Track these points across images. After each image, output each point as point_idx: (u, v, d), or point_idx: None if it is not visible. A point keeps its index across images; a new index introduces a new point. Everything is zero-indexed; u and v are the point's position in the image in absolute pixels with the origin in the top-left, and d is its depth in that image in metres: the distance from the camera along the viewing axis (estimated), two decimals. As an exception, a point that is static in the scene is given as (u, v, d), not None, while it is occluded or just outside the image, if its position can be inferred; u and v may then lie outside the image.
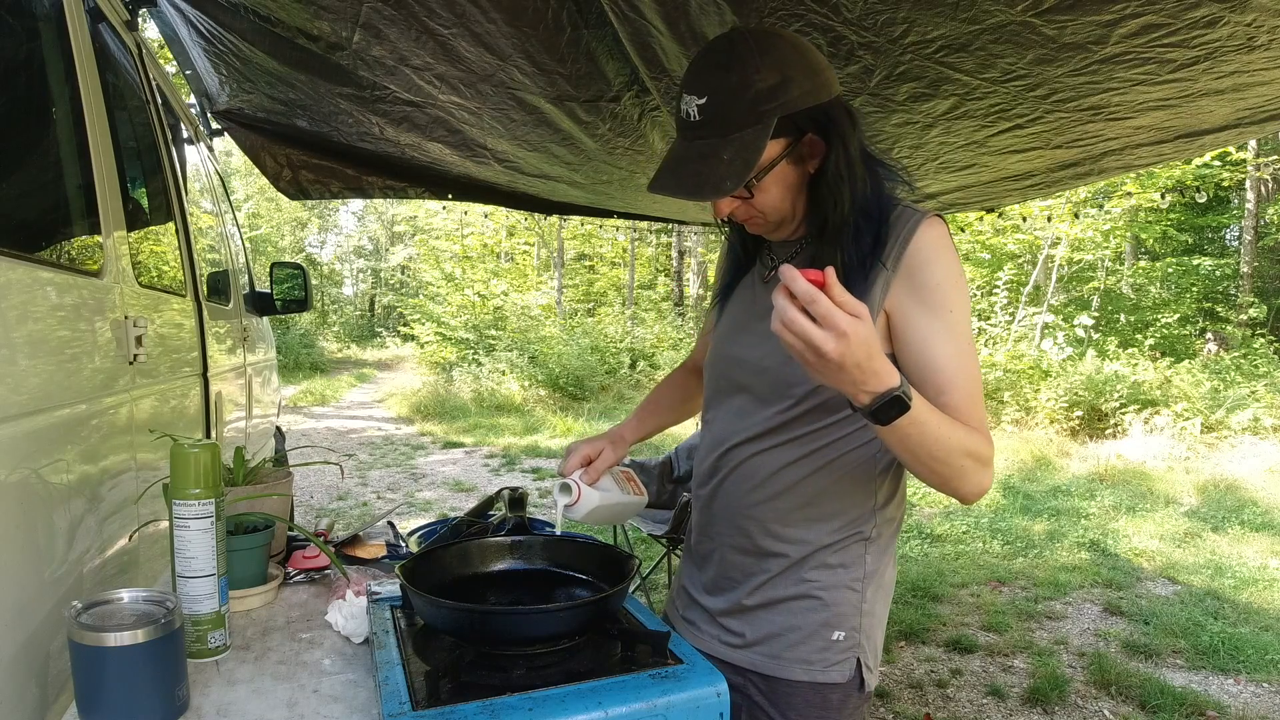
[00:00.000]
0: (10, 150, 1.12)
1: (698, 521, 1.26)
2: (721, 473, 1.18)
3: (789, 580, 1.13)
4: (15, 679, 0.95)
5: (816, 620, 1.11)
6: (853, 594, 1.13)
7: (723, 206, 1.07)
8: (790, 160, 1.02)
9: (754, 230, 1.14)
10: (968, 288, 1.06)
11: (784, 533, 1.12)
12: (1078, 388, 8.48)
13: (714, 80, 1.00)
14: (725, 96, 0.98)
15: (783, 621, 1.13)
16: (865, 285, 1.04)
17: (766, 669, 1.12)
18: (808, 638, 1.11)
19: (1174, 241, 13.11)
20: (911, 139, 2.29)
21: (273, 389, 3.98)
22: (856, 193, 1.03)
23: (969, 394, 1.00)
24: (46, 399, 1.06)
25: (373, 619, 1.03)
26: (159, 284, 1.76)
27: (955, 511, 5.83)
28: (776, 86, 0.97)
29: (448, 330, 14.39)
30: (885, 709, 2.94)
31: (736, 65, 0.99)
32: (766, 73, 0.97)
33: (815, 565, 1.12)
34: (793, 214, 1.08)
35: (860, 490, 1.11)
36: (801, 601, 1.12)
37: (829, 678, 1.11)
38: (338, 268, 34.58)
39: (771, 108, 0.97)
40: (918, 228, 1.03)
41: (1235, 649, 3.47)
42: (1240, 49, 1.54)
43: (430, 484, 6.73)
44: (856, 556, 1.13)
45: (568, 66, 1.86)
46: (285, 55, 1.99)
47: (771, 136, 0.98)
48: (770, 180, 1.03)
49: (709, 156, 0.99)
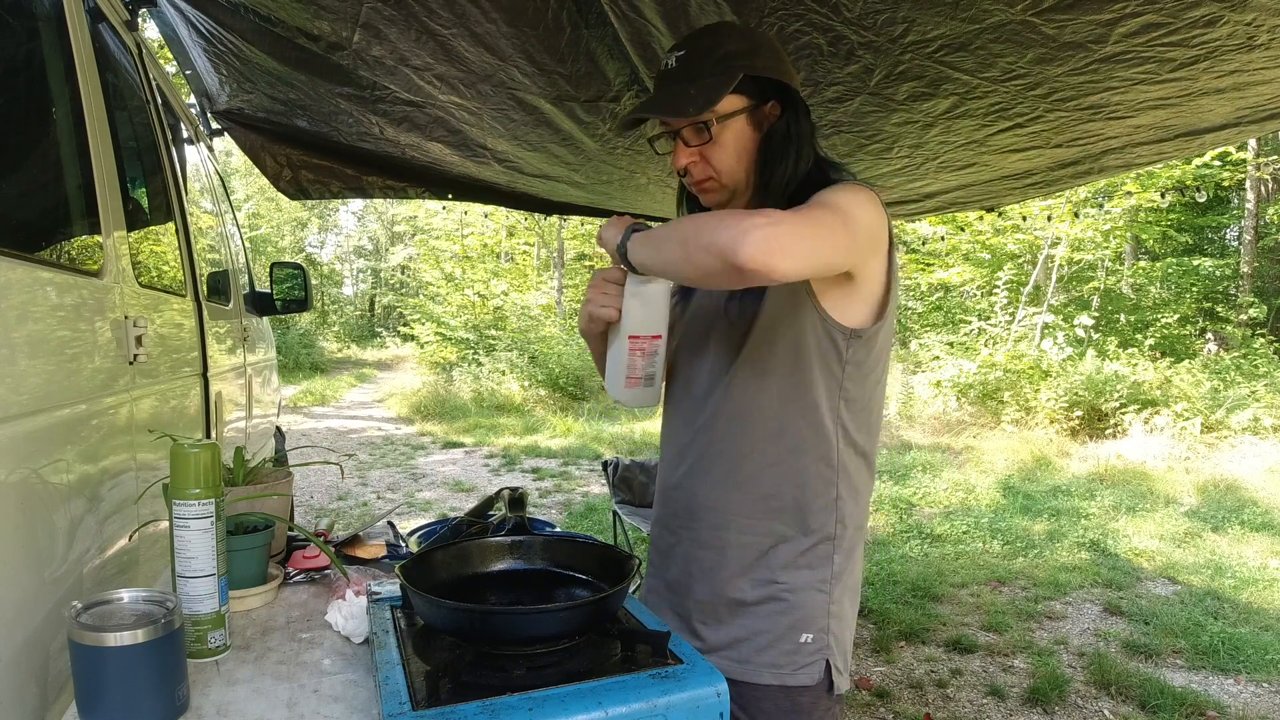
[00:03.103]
0: (10, 150, 1.12)
1: (659, 515, 1.29)
2: (685, 464, 1.21)
3: (756, 580, 1.13)
4: (15, 679, 0.95)
5: (785, 623, 1.11)
6: (820, 595, 1.13)
7: (680, 155, 1.15)
8: (749, 119, 1.13)
9: (708, 200, 1.20)
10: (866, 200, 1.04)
11: (751, 521, 1.14)
12: (1078, 388, 8.47)
13: (693, 40, 1.15)
14: (700, 51, 1.12)
15: (750, 625, 1.13)
16: None
17: (735, 674, 1.10)
18: (776, 641, 1.11)
19: (1174, 241, 13.10)
20: (911, 138, 2.29)
21: (273, 389, 3.98)
22: (801, 163, 1.13)
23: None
24: (46, 399, 1.06)
25: (373, 619, 1.03)
26: (159, 284, 1.76)
27: (955, 511, 5.83)
28: (746, 50, 1.11)
29: (448, 330, 14.38)
30: (885, 709, 2.94)
31: (714, 34, 1.15)
32: (738, 42, 1.12)
33: (783, 565, 1.12)
34: (745, 183, 1.16)
35: (817, 480, 1.13)
36: (769, 604, 1.12)
37: (798, 680, 1.11)
38: (338, 268, 34.58)
39: (739, 64, 1.09)
40: (835, 181, 1.09)
41: (1235, 649, 3.47)
42: (1240, 48, 1.54)
43: (430, 484, 6.73)
44: (824, 557, 1.13)
45: (568, 66, 1.86)
46: (285, 55, 1.99)
47: (736, 91, 1.09)
48: (728, 135, 1.12)
49: (679, 93, 1.11)
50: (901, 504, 5.96)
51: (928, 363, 10.28)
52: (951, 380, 9.34)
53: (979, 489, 6.45)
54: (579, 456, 7.90)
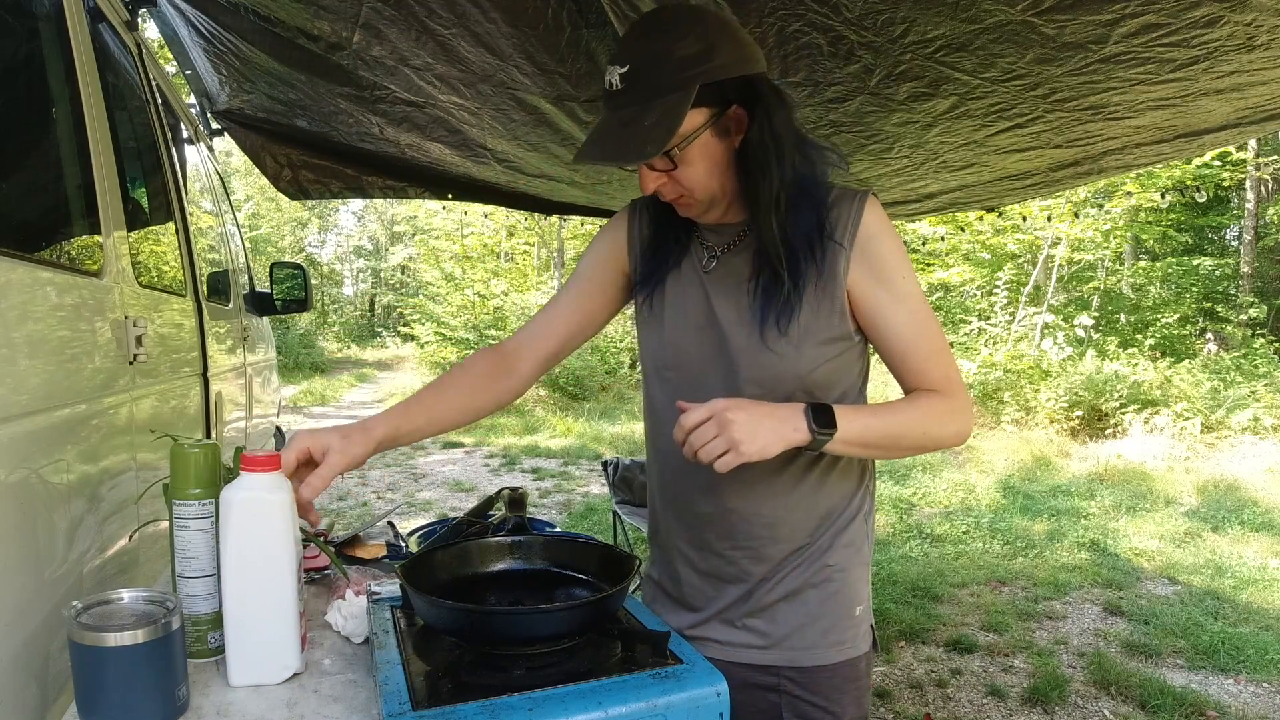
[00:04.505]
0: (10, 150, 1.12)
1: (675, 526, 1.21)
2: (722, 485, 1.12)
3: (806, 569, 1.13)
4: (15, 679, 0.95)
5: (841, 602, 1.14)
6: (862, 568, 1.17)
7: (648, 180, 1.04)
8: (714, 132, 1.01)
9: (685, 213, 1.11)
10: (907, 253, 1.11)
11: (795, 526, 1.13)
12: (1078, 388, 8.47)
13: (636, 48, 0.99)
14: (647, 62, 0.97)
15: (808, 611, 1.13)
16: (816, 264, 1.06)
17: (802, 661, 1.12)
18: (837, 621, 1.13)
19: (1174, 241, 13.10)
20: (911, 138, 2.29)
21: (273, 389, 3.98)
22: (786, 167, 1.02)
23: (928, 353, 1.07)
24: (46, 399, 1.06)
25: (373, 619, 1.03)
26: (159, 284, 1.76)
27: (955, 511, 5.83)
28: (700, 54, 0.95)
29: (448, 330, 14.37)
30: (885, 709, 2.94)
31: (659, 34, 0.98)
32: (690, 41, 0.96)
33: (831, 548, 1.13)
34: (722, 193, 1.06)
35: (850, 465, 1.15)
36: (822, 588, 1.13)
37: (858, 650, 1.14)
38: (338, 268, 34.57)
39: (694, 74, 0.95)
40: (864, 206, 1.06)
41: (1235, 649, 3.47)
42: (1240, 48, 1.54)
43: (430, 484, 6.73)
44: (860, 533, 1.16)
45: (568, 66, 1.86)
46: (285, 55, 1.99)
47: (695, 105, 0.96)
48: (695, 152, 1.01)
49: (631, 123, 0.97)
50: (901, 504, 5.96)
51: (928, 363, 10.25)
52: (951, 380, 9.31)
53: (979, 489, 6.45)
54: (579, 456, 7.90)
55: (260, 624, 0.91)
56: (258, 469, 0.89)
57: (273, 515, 0.89)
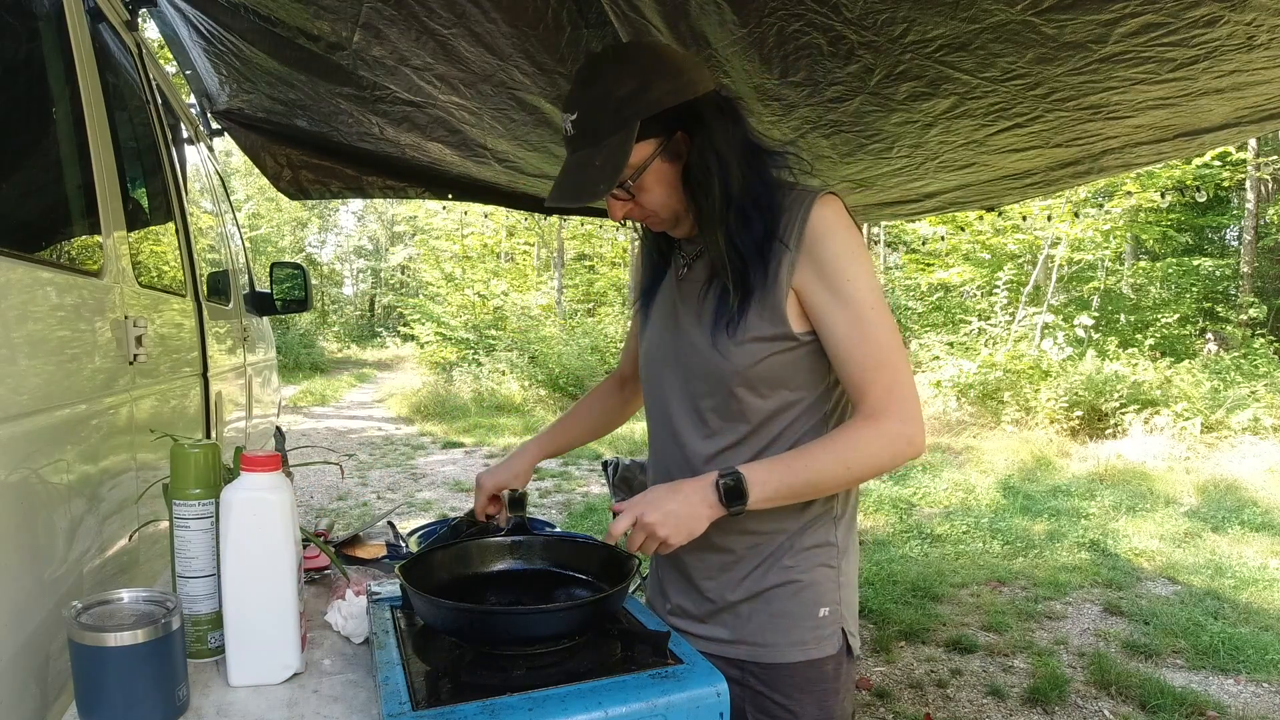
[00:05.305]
0: (10, 150, 1.12)
1: None
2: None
3: (769, 570, 1.16)
4: (15, 679, 0.95)
5: (803, 603, 1.15)
6: (830, 570, 1.17)
7: (615, 209, 1.14)
8: (665, 158, 1.08)
9: (656, 229, 1.21)
10: (868, 257, 1.11)
11: (758, 527, 1.15)
12: (1078, 388, 8.47)
13: (581, 96, 1.08)
14: (591, 108, 1.06)
15: (771, 610, 1.16)
16: (765, 269, 1.08)
17: (764, 658, 1.15)
18: (798, 621, 1.15)
19: (1174, 241, 13.10)
20: (911, 138, 2.29)
21: (273, 389, 3.98)
22: (731, 182, 1.08)
23: (871, 363, 1.05)
24: (46, 399, 1.06)
25: (373, 619, 1.03)
26: (159, 284, 1.76)
27: (955, 511, 5.83)
28: (635, 91, 1.04)
29: (448, 330, 14.38)
30: (885, 709, 2.94)
31: (598, 79, 1.07)
32: (625, 80, 1.05)
33: (792, 551, 1.16)
34: (684, 210, 1.14)
35: None
36: (785, 588, 1.15)
37: (822, 651, 1.15)
38: (338, 268, 34.59)
39: (632, 112, 1.04)
40: (813, 206, 1.07)
41: (1235, 649, 3.46)
42: (1240, 48, 1.54)
43: (430, 484, 6.73)
44: (827, 535, 1.17)
45: (568, 66, 1.86)
46: (285, 55, 1.99)
47: (641, 138, 1.05)
48: (650, 180, 1.09)
49: (586, 165, 1.07)
50: (901, 504, 5.96)
51: (928, 363, 10.28)
52: (951, 380, 9.34)
53: (979, 489, 6.45)
54: (579, 456, 7.89)
55: (260, 624, 0.91)
56: (258, 469, 0.90)
57: (273, 515, 0.90)
